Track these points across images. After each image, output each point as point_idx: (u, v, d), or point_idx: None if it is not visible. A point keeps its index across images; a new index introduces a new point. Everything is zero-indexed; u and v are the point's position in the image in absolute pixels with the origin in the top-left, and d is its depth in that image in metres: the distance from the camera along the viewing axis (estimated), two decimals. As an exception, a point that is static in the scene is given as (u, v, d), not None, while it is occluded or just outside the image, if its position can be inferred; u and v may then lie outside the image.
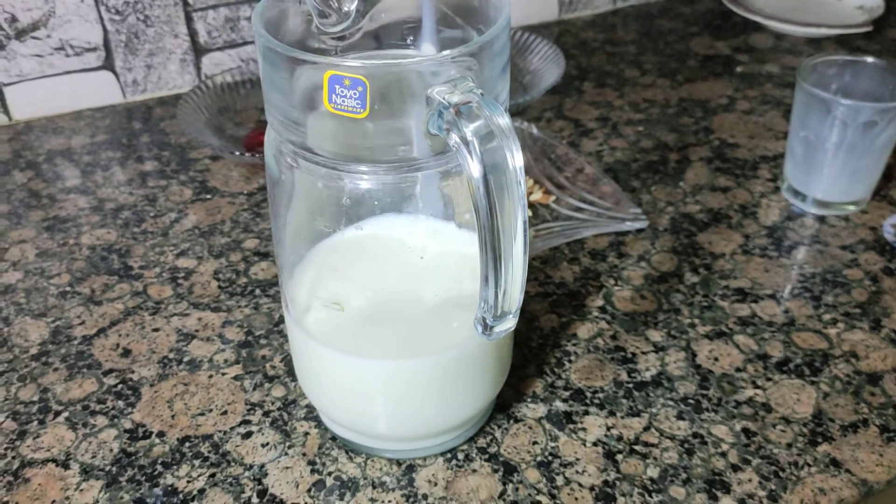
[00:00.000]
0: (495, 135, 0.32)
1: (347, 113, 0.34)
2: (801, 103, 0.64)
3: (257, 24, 0.36)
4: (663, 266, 0.61)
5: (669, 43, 0.91)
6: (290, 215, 0.41)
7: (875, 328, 0.55)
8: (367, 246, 0.42)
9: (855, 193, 0.65)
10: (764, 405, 0.50)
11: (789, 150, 0.67)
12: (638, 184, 0.69)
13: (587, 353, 0.54)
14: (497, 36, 0.35)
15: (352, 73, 0.33)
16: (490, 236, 0.33)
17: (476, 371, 0.44)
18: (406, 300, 0.42)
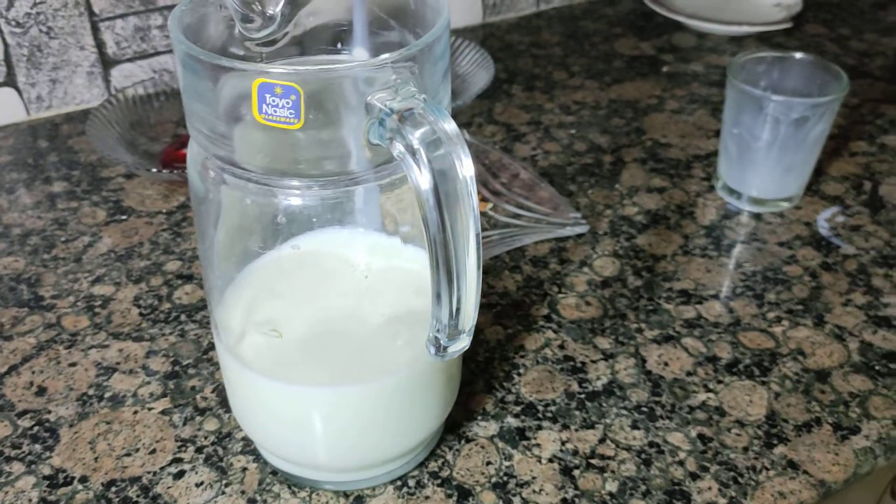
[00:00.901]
0: (442, 142, 0.30)
1: (280, 124, 0.31)
2: (732, 101, 0.64)
3: (175, 30, 0.33)
4: (606, 271, 0.60)
5: (595, 44, 0.91)
6: (219, 235, 0.38)
7: (819, 324, 0.55)
8: (304, 265, 0.39)
9: (788, 190, 0.65)
10: (717, 409, 0.49)
11: (722, 148, 0.66)
12: (574, 187, 0.68)
13: (536, 365, 0.52)
14: (437, 38, 0.33)
15: (284, 80, 0.30)
16: (442, 251, 0.31)
17: (426, 392, 0.41)
18: (348, 322, 0.39)
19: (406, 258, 0.39)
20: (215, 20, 0.36)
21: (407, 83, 0.31)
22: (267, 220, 0.36)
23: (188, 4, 0.34)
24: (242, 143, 0.33)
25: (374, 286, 0.39)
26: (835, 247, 0.62)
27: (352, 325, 0.39)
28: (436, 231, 0.30)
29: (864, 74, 0.85)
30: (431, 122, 0.30)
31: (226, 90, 0.33)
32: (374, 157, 0.33)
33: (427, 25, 0.36)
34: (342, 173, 0.33)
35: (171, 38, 0.33)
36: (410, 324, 0.40)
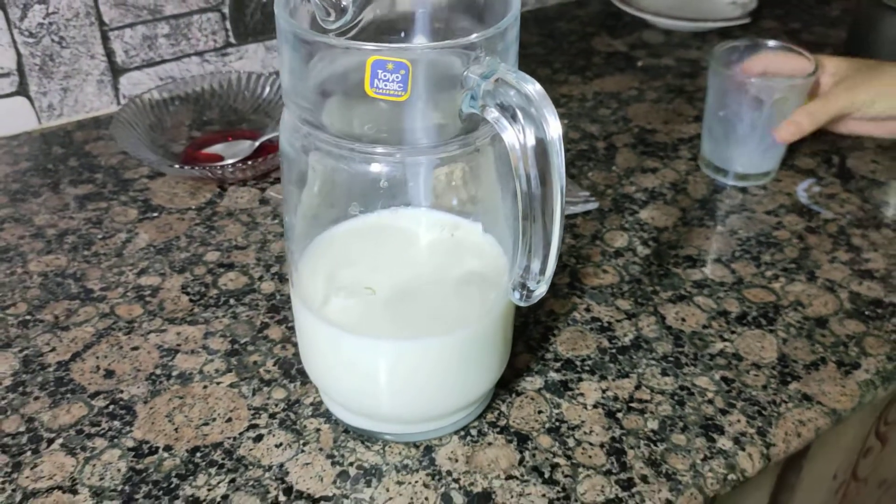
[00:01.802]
0: (532, 102, 0.35)
1: (389, 96, 0.35)
2: (716, 87, 0.70)
3: (283, 14, 0.37)
4: (616, 242, 0.65)
5: (572, 43, 0.97)
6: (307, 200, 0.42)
7: (811, 279, 0.62)
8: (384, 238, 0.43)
9: (770, 164, 0.72)
10: (734, 355, 0.55)
11: (706, 130, 0.73)
12: (575, 171, 0.74)
13: (567, 327, 0.57)
14: (515, 19, 0.38)
15: (396, 56, 0.34)
16: (539, 204, 0.35)
17: (491, 346, 0.46)
18: (427, 282, 0.44)
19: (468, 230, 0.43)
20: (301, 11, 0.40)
21: (494, 58, 0.36)
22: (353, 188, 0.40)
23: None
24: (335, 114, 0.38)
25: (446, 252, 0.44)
26: (815, 213, 0.69)
27: (430, 286, 0.43)
28: (532, 186, 0.35)
29: (819, 63, 0.93)
30: (520, 87, 0.35)
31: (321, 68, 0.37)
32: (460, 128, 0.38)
33: (495, 15, 0.41)
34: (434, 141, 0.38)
35: (279, 20, 0.37)
36: (478, 284, 0.45)
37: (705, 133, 0.73)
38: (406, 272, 0.43)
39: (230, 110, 0.78)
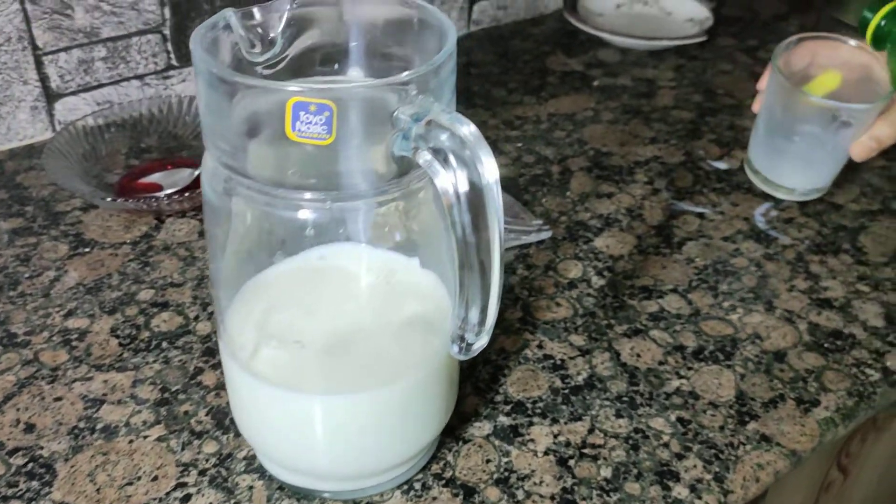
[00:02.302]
0: (467, 145, 0.32)
1: (312, 140, 0.32)
2: (782, 103, 0.67)
3: (199, 51, 0.34)
4: (570, 273, 0.63)
5: (527, 62, 0.95)
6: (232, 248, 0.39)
7: (769, 309, 0.60)
8: (317, 276, 0.40)
9: (826, 180, 0.71)
10: (691, 393, 0.53)
11: (762, 144, 0.71)
12: (529, 197, 0.71)
13: (519, 366, 0.55)
14: (450, 54, 0.36)
15: (319, 97, 0.32)
16: (474, 252, 0.33)
17: (434, 395, 0.43)
18: (362, 331, 0.41)
19: (411, 270, 0.41)
20: (224, 43, 0.38)
21: (427, 97, 0.34)
22: (280, 233, 0.38)
23: (204, 28, 0.36)
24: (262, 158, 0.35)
25: (384, 296, 0.41)
26: (773, 238, 0.67)
27: (367, 333, 0.41)
28: (467, 233, 0.32)
29: (776, 81, 0.92)
30: (454, 128, 0.32)
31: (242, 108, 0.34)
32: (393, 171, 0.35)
33: (429, 46, 0.38)
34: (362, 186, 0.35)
35: (195, 58, 0.34)
36: (419, 330, 0.42)
37: (760, 146, 0.72)
38: (340, 320, 0.41)
39: (170, 136, 0.75)
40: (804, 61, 0.69)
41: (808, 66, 0.69)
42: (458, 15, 0.99)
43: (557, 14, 1.07)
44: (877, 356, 0.56)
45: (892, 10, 0.62)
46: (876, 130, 0.65)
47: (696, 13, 1.04)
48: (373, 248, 0.40)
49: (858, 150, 0.66)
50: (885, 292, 0.62)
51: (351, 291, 0.40)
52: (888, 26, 0.62)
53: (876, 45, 0.63)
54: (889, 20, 0.62)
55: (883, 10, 0.62)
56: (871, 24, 0.62)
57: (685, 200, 0.71)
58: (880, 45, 0.63)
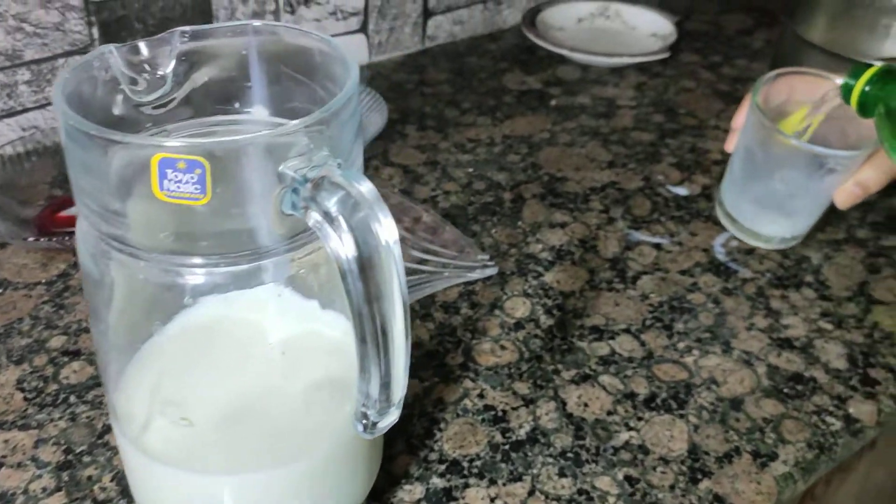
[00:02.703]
0: (362, 206, 0.28)
1: (184, 201, 0.28)
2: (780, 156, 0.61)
3: (59, 100, 0.30)
4: (517, 312, 0.59)
5: (483, 80, 0.91)
6: (113, 317, 0.35)
7: (726, 351, 0.56)
8: (210, 340, 0.36)
9: (804, 227, 0.66)
10: (640, 447, 0.49)
11: (739, 189, 0.65)
12: (478, 227, 0.68)
13: (457, 418, 0.51)
14: (349, 98, 0.32)
15: (188, 153, 0.28)
16: (368, 323, 0.29)
17: (351, 464, 0.39)
18: (263, 399, 0.37)
19: (323, 322, 0.37)
20: (102, 84, 0.34)
21: (320, 148, 0.30)
22: (167, 301, 0.34)
23: (71, 71, 0.31)
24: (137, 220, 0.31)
25: (290, 356, 0.37)
26: (732, 272, 0.64)
27: (267, 403, 0.37)
28: (360, 301, 0.29)
29: (738, 100, 0.89)
30: (348, 186, 0.28)
31: (116, 163, 0.30)
32: (287, 229, 0.31)
33: (335, 78, 0.34)
34: (251, 248, 0.31)
35: (55, 109, 0.30)
36: (331, 392, 0.38)
37: (735, 190, 0.66)
38: (236, 389, 0.36)
39: (98, 164, 0.71)
40: (781, 97, 0.65)
41: (785, 102, 0.64)
42: (412, 31, 0.95)
43: (516, 29, 1.03)
44: (839, 402, 0.53)
45: (874, 75, 0.56)
46: (862, 176, 0.60)
47: (660, 28, 1.01)
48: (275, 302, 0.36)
49: (843, 197, 0.61)
50: (849, 330, 0.58)
51: (249, 355, 0.36)
52: (873, 91, 0.56)
53: (863, 113, 0.57)
54: (873, 86, 0.56)
55: (865, 76, 0.56)
56: (855, 91, 0.56)
57: (642, 230, 0.68)
58: (867, 112, 0.57)
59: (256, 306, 0.36)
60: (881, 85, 0.56)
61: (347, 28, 0.90)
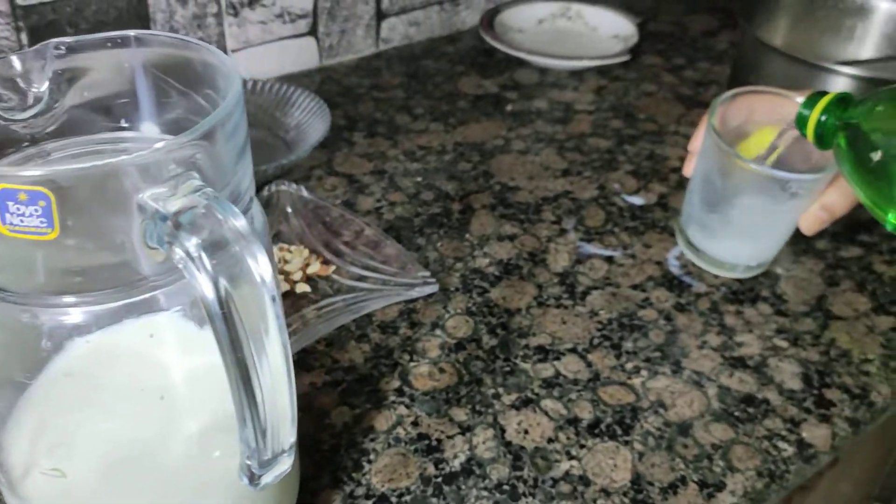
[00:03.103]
0: (230, 244, 0.25)
1: (30, 235, 0.25)
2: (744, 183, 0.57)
3: None
4: (459, 331, 0.56)
5: (438, 84, 0.88)
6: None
7: (676, 371, 0.54)
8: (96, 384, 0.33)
9: (772, 253, 0.62)
10: (581, 478, 0.46)
11: (700, 217, 0.61)
12: (423, 240, 0.65)
13: (388, 448, 0.48)
14: (230, 113, 0.29)
15: (28, 184, 0.24)
16: (238, 369, 0.26)
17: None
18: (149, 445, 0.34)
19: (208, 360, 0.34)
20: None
21: (189, 175, 0.27)
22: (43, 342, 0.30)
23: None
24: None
25: (185, 394, 0.34)
26: (686, 286, 0.61)
27: (154, 449, 0.33)
28: (226, 347, 0.25)
29: (701, 104, 0.87)
30: (217, 221, 0.25)
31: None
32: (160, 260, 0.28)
33: (218, 89, 0.31)
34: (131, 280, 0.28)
35: None
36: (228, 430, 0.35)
37: (695, 218, 0.62)
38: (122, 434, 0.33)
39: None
40: (740, 117, 0.61)
41: (745, 123, 0.61)
42: (365, 33, 0.92)
43: (475, 31, 1.00)
44: (792, 426, 0.50)
45: (830, 103, 0.52)
46: (827, 200, 0.57)
47: (622, 29, 0.98)
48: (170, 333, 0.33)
49: (809, 222, 0.58)
50: (805, 348, 0.56)
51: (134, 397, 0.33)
52: (829, 121, 0.52)
53: (820, 145, 0.53)
54: (830, 115, 0.52)
55: (820, 105, 0.52)
56: (811, 122, 0.53)
57: (594, 242, 0.65)
58: (824, 144, 0.53)
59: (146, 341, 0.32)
60: (838, 114, 0.52)
61: (296, 31, 0.87)
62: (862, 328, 0.58)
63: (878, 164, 0.48)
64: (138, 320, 0.29)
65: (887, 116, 0.50)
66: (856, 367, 0.55)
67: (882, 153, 0.48)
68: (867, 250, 0.65)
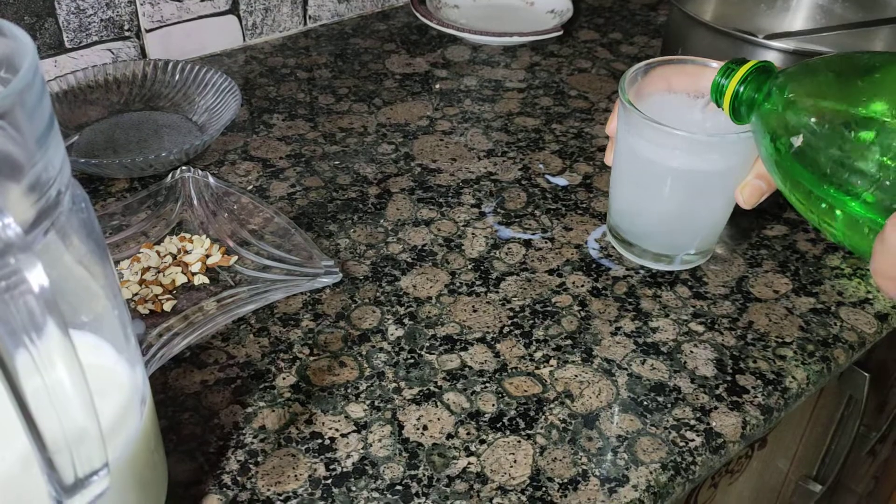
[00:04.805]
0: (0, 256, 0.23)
1: None
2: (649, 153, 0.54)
3: None
4: (364, 322, 0.54)
5: (365, 63, 0.85)
6: None
7: (587, 360, 0.52)
8: None
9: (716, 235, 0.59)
10: (478, 475, 0.44)
11: (634, 211, 0.58)
12: (335, 227, 0.62)
13: (277, 449, 0.45)
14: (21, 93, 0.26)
15: None
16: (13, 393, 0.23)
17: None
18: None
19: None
20: None
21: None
22: None
23: None
24: None
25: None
26: (604, 269, 0.59)
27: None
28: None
29: (635, 80, 0.84)
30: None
31: None
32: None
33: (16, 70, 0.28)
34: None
35: None
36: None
37: (623, 208, 0.58)
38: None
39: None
40: (657, 91, 0.56)
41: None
42: (291, 10, 0.89)
43: (408, 7, 0.97)
44: (701, 415, 0.48)
45: (748, 73, 0.47)
46: (761, 168, 0.52)
47: (558, 4, 0.95)
48: None
49: (747, 192, 0.53)
50: (721, 332, 0.54)
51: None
52: (746, 93, 0.47)
53: (736, 118, 0.49)
54: (748, 86, 0.47)
55: (738, 74, 0.48)
56: (727, 92, 0.48)
57: (513, 225, 0.63)
58: (741, 117, 0.49)
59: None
60: (756, 85, 0.47)
61: (215, 9, 0.83)
62: (781, 310, 0.56)
63: (799, 152, 0.43)
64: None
65: (814, 93, 0.44)
66: (772, 352, 0.53)
67: (803, 139, 0.43)
68: (792, 228, 0.64)
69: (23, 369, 0.23)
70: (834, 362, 0.53)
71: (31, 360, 0.23)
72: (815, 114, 0.43)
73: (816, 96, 0.44)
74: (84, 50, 0.77)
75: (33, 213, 0.26)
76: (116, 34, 0.78)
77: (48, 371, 0.23)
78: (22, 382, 0.23)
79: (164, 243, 0.58)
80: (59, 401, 0.24)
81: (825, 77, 0.44)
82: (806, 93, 0.44)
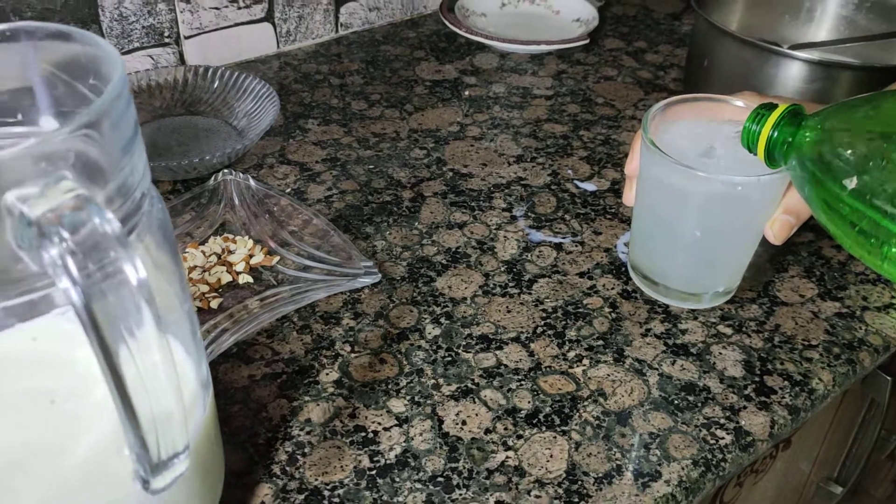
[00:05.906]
0: (100, 248, 0.25)
1: None
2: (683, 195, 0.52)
3: None
4: (402, 321, 0.56)
5: (396, 70, 0.87)
6: None
7: (619, 360, 0.53)
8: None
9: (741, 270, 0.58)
10: (517, 469, 0.46)
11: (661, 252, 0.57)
12: (372, 229, 0.64)
13: (323, 441, 0.47)
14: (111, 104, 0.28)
15: None
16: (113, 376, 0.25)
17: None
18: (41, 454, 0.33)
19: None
20: None
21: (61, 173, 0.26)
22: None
23: None
24: None
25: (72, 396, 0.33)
26: (634, 273, 0.61)
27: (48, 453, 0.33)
28: (99, 352, 0.25)
29: (659, 88, 0.86)
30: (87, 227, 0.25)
31: None
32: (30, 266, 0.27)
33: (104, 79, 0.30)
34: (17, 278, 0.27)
35: None
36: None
37: (646, 248, 0.57)
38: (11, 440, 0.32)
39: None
40: (680, 119, 0.55)
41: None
42: (324, 18, 0.91)
43: (437, 15, 0.99)
44: (731, 414, 0.50)
45: (781, 117, 0.47)
46: (790, 202, 0.52)
47: (584, 13, 0.97)
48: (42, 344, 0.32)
49: (777, 228, 0.53)
50: (749, 334, 0.56)
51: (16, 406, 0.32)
52: (781, 136, 0.47)
53: (771, 163, 0.48)
54: (781, 130, 0.47)
55: (771, 119, 0.47)
56: (761, 138, 0.47)
57: (544, 229, 0.65)
58: (776, 161, 0.48)
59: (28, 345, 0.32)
60: (790, 130, 0.46)
61: (251, 17, 0.86)
62: (807, 314, 0.58)
63: (857, 191, 0.41)
64: (20, 324, 0.28)
65: (862, 129, 0.43)
66: (799, 354, 0.54)
67: (857, 178, 0.41)
68: (817, 235, 0.65)
69: (124, 356, 0.25)
70: (859, 364, 0.54)
71: (132, 347, 0.25)
72: (870, 150, 0.42)
73: (865, 132, 0.43)
74: (126, 56, 0.79)
75: (120, 215, 0.28)
76: (157, 41, 0.80)
77: (145, 358, 0.25)
78: (123, 369, 0.25)
79: (209, 243, 0.60)
80: (152, 385, 0.26)
81: (866, 113, 0.44)
82: (853, 131, 0.43)
